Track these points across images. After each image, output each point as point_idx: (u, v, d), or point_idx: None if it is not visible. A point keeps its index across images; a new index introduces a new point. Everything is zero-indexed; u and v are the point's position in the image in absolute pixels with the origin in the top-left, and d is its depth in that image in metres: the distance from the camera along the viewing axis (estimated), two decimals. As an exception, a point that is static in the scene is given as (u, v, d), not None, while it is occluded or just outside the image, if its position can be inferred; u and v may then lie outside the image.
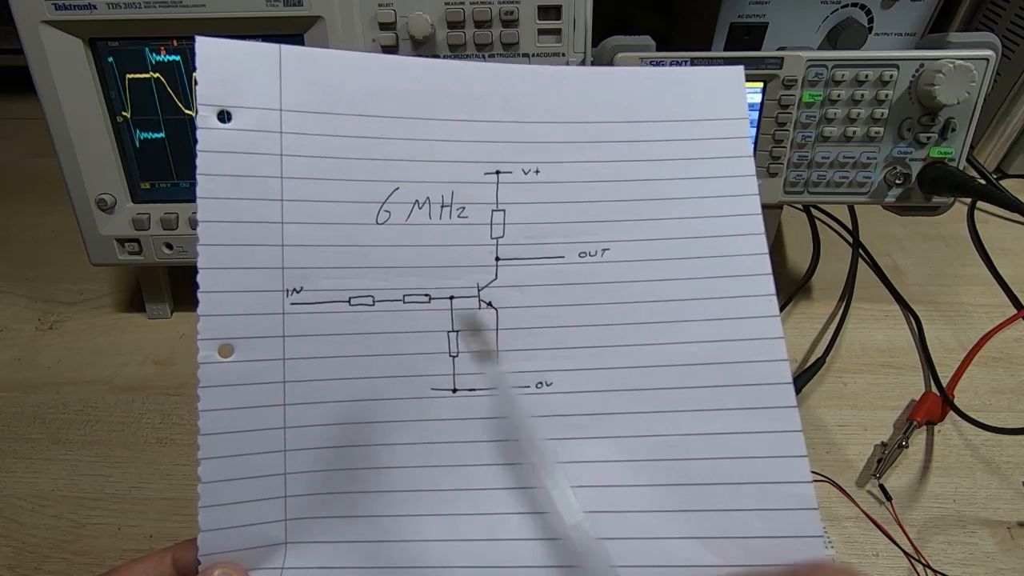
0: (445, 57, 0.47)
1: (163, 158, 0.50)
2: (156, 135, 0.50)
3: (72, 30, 0.45)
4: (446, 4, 0.45)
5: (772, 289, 0.28)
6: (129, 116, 0.49)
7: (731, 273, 0.28)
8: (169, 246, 0.52)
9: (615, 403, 0.27)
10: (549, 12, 0.46)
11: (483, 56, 0.47)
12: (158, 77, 0.48)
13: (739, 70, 0.30)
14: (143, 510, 0.44)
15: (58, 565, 0.41)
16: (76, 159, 0.48)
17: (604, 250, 0.28)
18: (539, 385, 0.27)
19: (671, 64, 0.45)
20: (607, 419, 0.27)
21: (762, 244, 0.28)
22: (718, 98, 0.30)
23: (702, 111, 0.30)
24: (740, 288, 0.28)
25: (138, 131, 0.49)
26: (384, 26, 0.46)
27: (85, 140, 0.48)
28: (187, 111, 0.49)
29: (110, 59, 0.47)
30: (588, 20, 0.47)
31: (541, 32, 0.46)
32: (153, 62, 0.47)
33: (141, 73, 0.48)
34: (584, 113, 0.29)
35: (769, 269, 0.28)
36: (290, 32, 0.46)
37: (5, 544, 0.42)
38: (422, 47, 0.46)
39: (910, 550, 0.40)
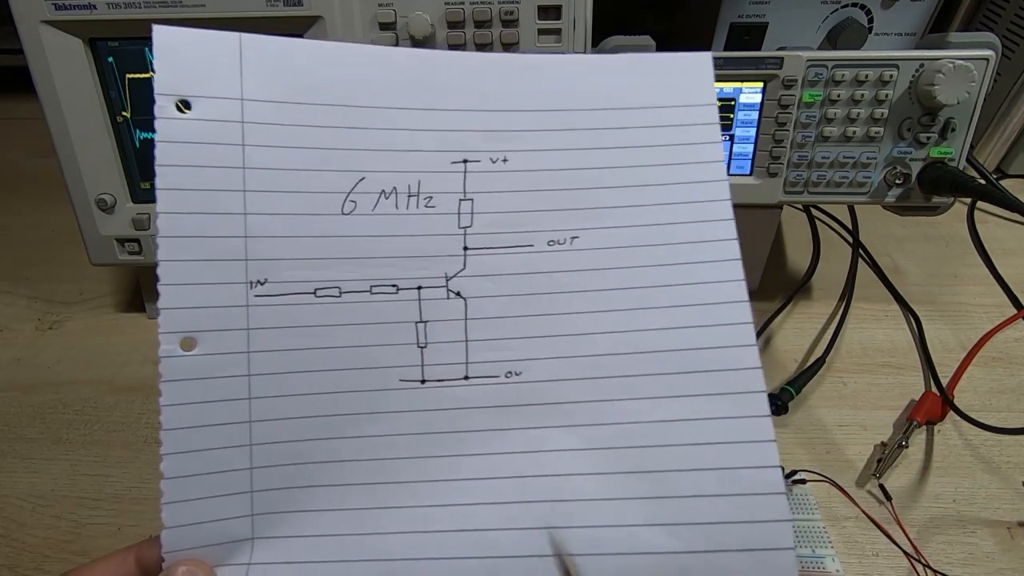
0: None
1: (163, 158, 0.50)
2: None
3: (72, 30, 0.45)
4: (446, 4, 0.45)
5: (741, 275, 0.28)
6: (129, 116, 0.49)
7: (700, 259, 0.28)
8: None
9: (585, 391, 0.27)
10: (549, 12, 0.46)
11: (483, 56, 0.47)
12: (158, 77, 0.48)
13: (707, 56, 0.30)
14: (143, 510, 0.44)
15: (58, 565, 0.41)
16: (76, 159, 0.48)
17: (573, 238, 0.28)
18: (508, 375, 0.27)
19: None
20: (577, 407, 0.27)
21: (731, 230, 0.28)
22: (686, 84, 0.30)
23: (670, 97, 0.29)
24: (709, 274, 0.28)
25: (138, 131, 0.49)
26: (384, 26, 0.46)
27: (85, 140, 0.48)
28: (187, 111, 0.49)
29: (110, 59, 0.47)
30: (588, 20, 0.47)
31: (541, 32, 0.46)
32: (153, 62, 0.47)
33: (141, 73, 0.48)
34: (551, 101, 0.29)
35: (738, 255, 0.28)
36: (290, 32, 0.46)
37: (5, 544, 0.42)
38: (422, 47, 0.46)
39: (910, 550, 0.40)
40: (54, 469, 0.46)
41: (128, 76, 0.48)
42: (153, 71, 0.26)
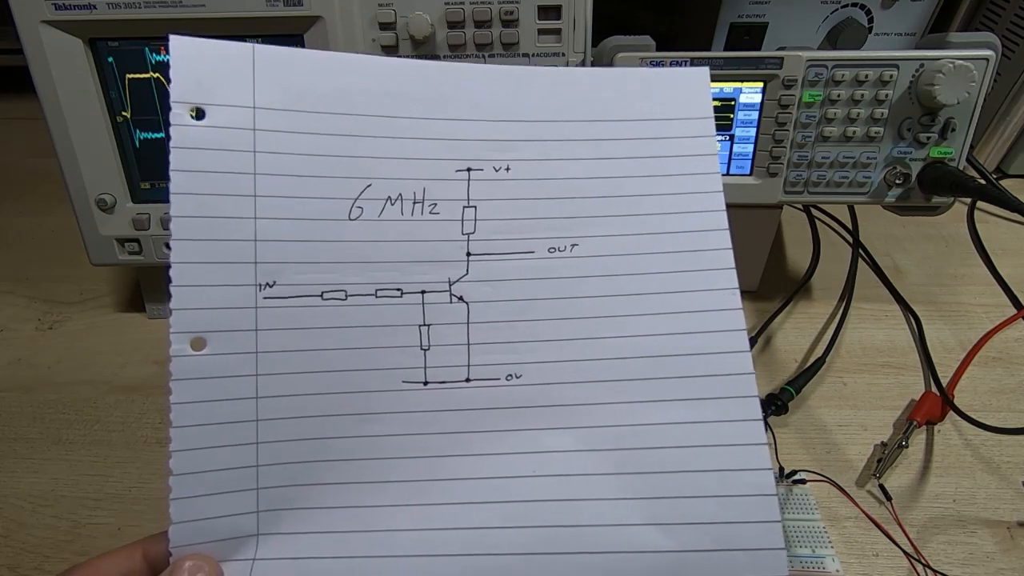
0: (445, 57, 0.47)
1: (163, 158, 0.49)
2: (156, 135, 0.50)
3: (72, 30, 0.45)
4: (446, 4, 0.45)
5: (735, 283, 0.29)
6: (129, 116, 0.49)
7: (695, 268, 0.29)
8: (169, 246, 0.52)
9: (583, 394, 0.28)
10: (549, 12, 0.46)
11: (483, 56, 0.47)
12: (158, 77, 0.48)
13: (704, 71, 0.31)
14: (143, 510, 0.44)
15: (58, 565, 0.41)
16: (76, 159, 0.48)
17: (573, 245, 0.29)
18: (509, 377, 0.28)
19: (671, 64, 0.45)
20: (575, 410, 0.28)
21: (726, 240, 0.29)
22: (684, 98, 0.31)
23: (668, 111, 0.30)
24: (704, 282, 0.29)
25: (138, 131, 0.49)
26: (384, 26, 0.46)
27: (85, 140, 0.48)
28: (187, 111, 0.49)
29: (110, 59, 0.47)
30: (588, 20, 0.47)
31: (541, 32, 0.46)
32: (153, 62, 0.47)
33: (141, 73, 0.48)
34: (554, 112, 0.30)
35: (732, 264, 0.29)
36: (290, 32, 0.46)
37: (5, 544, 0.42)
38: (422, 47, 0.46)
39: (910, 550, 0.40)
40: (54, 469, 0.46)
41: (128, 76, 0.48)
42: (168, 80, 0.26)
